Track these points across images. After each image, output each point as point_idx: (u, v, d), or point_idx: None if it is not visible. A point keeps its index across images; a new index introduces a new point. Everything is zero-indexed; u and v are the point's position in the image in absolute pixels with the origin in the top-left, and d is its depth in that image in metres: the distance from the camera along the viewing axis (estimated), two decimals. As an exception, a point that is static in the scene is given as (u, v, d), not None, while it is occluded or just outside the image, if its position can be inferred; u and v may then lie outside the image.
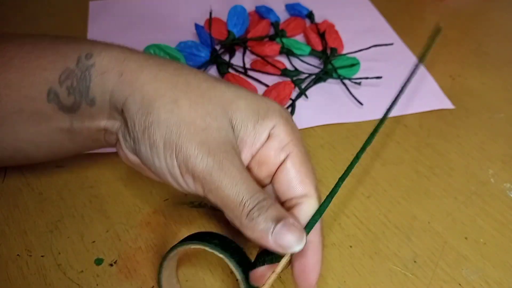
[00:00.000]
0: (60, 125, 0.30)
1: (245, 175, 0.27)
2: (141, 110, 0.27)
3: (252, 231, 0.26)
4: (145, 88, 0.28)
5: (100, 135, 0.31)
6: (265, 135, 0.28)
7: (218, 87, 0.29)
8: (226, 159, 0.26)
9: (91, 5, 0.58)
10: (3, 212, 0.36)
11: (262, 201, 0.26)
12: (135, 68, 0.28)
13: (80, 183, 0.38)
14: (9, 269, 0.33)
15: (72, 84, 0.29)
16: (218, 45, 0.52)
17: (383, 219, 0.37)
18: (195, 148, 0.26)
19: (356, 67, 0.50)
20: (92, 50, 0.29)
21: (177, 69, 0.29)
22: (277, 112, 0.29)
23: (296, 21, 0.55)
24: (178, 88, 0.28)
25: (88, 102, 0.29)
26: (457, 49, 0.55)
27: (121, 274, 0.33)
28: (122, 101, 0.28)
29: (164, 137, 0.27)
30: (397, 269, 0.34)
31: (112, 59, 0.29)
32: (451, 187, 0.39)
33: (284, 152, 0.29)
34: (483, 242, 0.36)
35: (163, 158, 0.27)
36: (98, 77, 0.29)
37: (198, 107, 0.27)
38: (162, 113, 0.27)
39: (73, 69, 0.29)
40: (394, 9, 0.60)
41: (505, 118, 0.46)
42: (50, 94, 0.29)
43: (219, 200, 0.26)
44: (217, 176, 0.26)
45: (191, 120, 0.27)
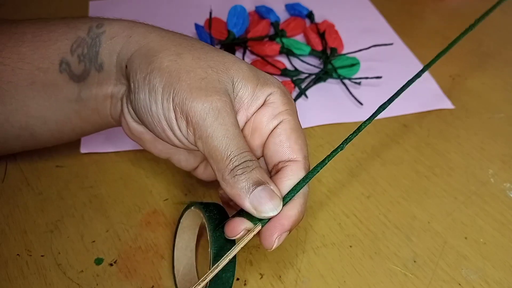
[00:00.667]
0: (68, 96, 0.32)
1: (238, 131, 0.27)
2: (144, 60, 0.28)
3: (231, 187, 0.26)
4: (151, 44, 0.29)
5: (107, 105, 0.32)
6: (262, 100, 0.29)
7: (221, 52, 0.30)
8: (223, 109, 0.26)
9: (91, 5, 0.58)
10: (3, 211, 0.36)
11: (249, 161, 0.26)
12: (143, 31, 0.30)
13: (80, 183, 0.38)
14: (9, 269, 0.33)
15: (83, 52, 0.30)
16: (218, 45, 0.52)
17: (383, 219, 0.37)
18: (193, 92, 0.27)
19: (356, 67, 0.50)
20: (103, 21, 0.31)
21: (183, 35, 0.31)
22: (276, 83, 0.30)
23: (296, 21, 0.55)
24: (183, 45, 0.29)
25: (97, 68, 0.31)
26: (457, 49, 0.55)
27: (121, 274, 0.33)
28: (128, 56, 0.29)
29: (163, 81, 0.27)
30: (397, 269, 0.34)
31: (122, 26, 0.30)
32: (451, 187, 0.39)
33: (276, 119, 0.29)
34: (483, 242, 0.36)
35: (160, 101, 0.28)
36: (108, 42, 0.30)
37: (201, 60, 0.28)
38: (165, 61, 0.28)
39: (84, 37, 0.31)
40: (394, 9, 0.60)
41: (505, 118, 0.46)
42: (62, 64, 0.31)
43: (207, 149, 0.27)
44: (210, 123, 0.26)
45: (192, 69, 0.28)
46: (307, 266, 0.34)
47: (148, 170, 0.40)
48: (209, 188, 0.38)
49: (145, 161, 0.40)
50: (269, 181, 0.27)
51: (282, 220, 0.27)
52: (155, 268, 0.33)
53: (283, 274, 0.33)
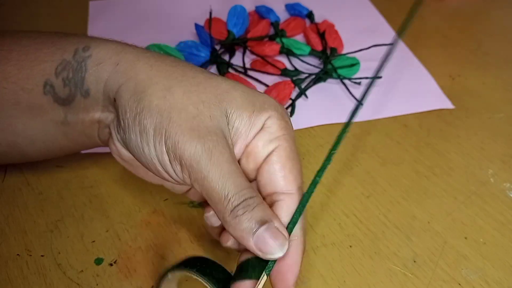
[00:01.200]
0: (55, 118, 0.30)
1: (234, 168, 0.26)
2: (133, 97, 0.27)
3: (234, 229, 0.25)
4: (140, 76, 0.28)
5: (94, 129, 0.31)
6: (259, 125, 0.28)
7: (214, 78, 0.28)
8: (216, 148, 0.25)
9: (91, 5, 0.58)
10: (3, 212, 0.36)
11: (249, 199, 0.25)
12: (131, 59, 0.28)
13: (80, 183, 0.38)
14: (9, 269, 0.33)
15: (68, 76, 0.29)
16: (218, 45, 0.52)
17: (383, 219, 0.37)
18: (185, 134, 0.26)
19: (356, 67, 0.50)
20: (89, 43, 0.29)
21: (174, 61, 0.29)
22: (273, 106, 0.28)
23: (296, 21, 0.55)
24: (173, 77, 0.28)
25: (83, 94, 0.29)
26: (457, 49, 0.55)
27: (121, 274, 0.33)
28: (116, 89, 0.28)
29: (154, 122, 0.26)
30: (397, 268, 0.34)
31: (109, 50, 0.29)
32: (451, 187, 0.39)
33: (272, 145, 0.28)
34: (483, 242, 0.36)
35: (152, 144, 0.27)
36: (94, 68, 0.29)
37: (192, 95, 0.27)
38: (155, 99, 0.27)
39: (70, 60, 0.29)
40: (394, 9, 0.60)
41: (505, 118, 0.46)
42: (46, 86, 0.29)
43: (204, 191, 0.26)
44: (204, 165, 0.25)
45: (183, 107, 0.26)
46: (307, 266, 0.34)
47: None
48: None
49: (145, 161, 0.40)
50: (273, 217, 0.25)
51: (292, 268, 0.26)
52: (155, 268, 0.33)
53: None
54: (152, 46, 0.48)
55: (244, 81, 0.47)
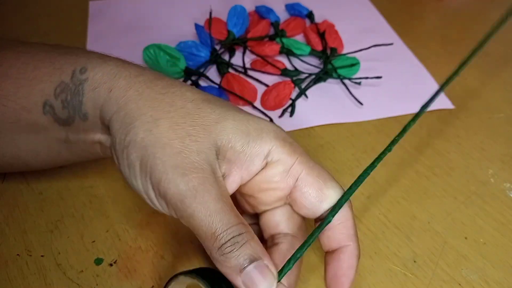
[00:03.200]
0: (56, 136, 0.30)
1: (222, 205, 0.25)
2: (121, 129, 0.27)
3: (222, 266, 0.25)
4: (129, 105, 0.27)
5: (96, 147, 0.31)
6: (260, 159, 0.27)
7: (204, 108, 0.27)
8: (201, 185, 0.25)
9: (91, 5, 0.58)
10: (3, 212, 0.36)
11: (237, 236, 0.24)
12: (124, 85, 0.28)
13: (80, 183, 0.38)
14: (9, 269, 0.33)
15: (66, 98, 0.29)
16: (218, 45, 0.52)
17: (382, 219, 0.37)
18: (168, 172, 0.25)
19: (356, 67, 0.50)
20: (86, 64, 0.29)
21: (164, 87, 0.28)
22: (271, 134, 0.27)
23: (296, 21, 0.55)
24: (161, 107, 0.27)
25: (81, 117, 0.29)
26: (457, 49, 0.55)
27: (121, 274, 0.33)
28: (109, 117, 0.28)
29: (140, 158, 0.26)
30: (397, 269, 0.34)
31: (105, 74, 0.28)
32: (451, 187, 0.39)
33: (291, 177, 0.27)
34: (483, 242, 0.36)
35: (139, 179, 0.26)
36: (90, 92, 0.28)
37: (179, 127, 0.26)
38: (140, 133, 0.26)
39: (68, 83, 0.29)
40: (394, 9, 0.60)
41: (505, 118, 0.46)
42: (46, 106, 0.29)
43: (191, 228, 0.25)
44: (189, 204, 0.25)
45: (168, 141, 0.26)
46: (307, 266, 0.34)
47: (148, 170, 0.40)
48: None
49: (145, 161, 0.40)
50: (263, 255, 0.25)
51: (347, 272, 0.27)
52: (155, 268, 0.33)
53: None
54: (152, 46, 0.48)
55: (244, 81, 0.47)
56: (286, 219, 0.29)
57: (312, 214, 0.28)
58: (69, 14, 0.57)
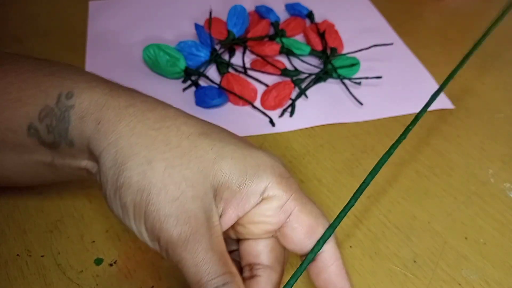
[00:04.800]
0: (42, 159, 0.29)
1: (210, 256, 0.25)
2: (113, 169, 0.26)
3: None
4: (120, 143, 0.26)
5: (83, 173, 0.30)
6: (256, 197, 0.27)
7: (201, 146, 0.26)
8: (193, 235, 0.25)
9: (91, 5, 0.58)
10: (3, 212, 0.36)
11: (222, 286, 0.25)
12: (113, 118, 0.27)
13: (80, 183, 0.38)
14: (9, 269, 0.33)
15: (51, 123, 0.28)
16: (218, 45, 0.52)
17: (383, 219, 0.37)
18: (162, 220, 0.25)
19: (356, 67, 0.50)
20: (73, 88, 0.28)
21: (157, 121, 0.27)
22: (268, 170, 0.27)
23: (296, 21, 0.55)
24: (155, 146, 0.26)
25: (67, 143, 0.28)
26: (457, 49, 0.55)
27: (120, 274, 0.33)
28: (98, 152, 0.27)
29: (134, 201, 0.25)
30: (397, 269, 0.34)
31: (92, 102, 0.27)
32: (451, 187, 0.39)
33: (284, 212, 0.27)
34: (483, 242, 0.36)
35: (133, 221, 0.26)
36: (77, 121, 0.27)
37: (174, 171, 0.25)
38: (134, 175, 0.25)
39: (53, 107, 0.28)
40: (394, 9, 0.60)
41: (505, 118, 0.46)
42: (31, 129, 0.28)
43: (181, 271, 0.26)
44: (179, 252, 0.25)
45: (163, 186, 0.25)
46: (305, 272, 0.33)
47: (148, 170, 0.40)
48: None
49: (145, 161, 0.40)
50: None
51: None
52: (155, 268, 0.33)
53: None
54: (152, 46, 0.48)
55: (244, 81, 0.47)
56: (268, 251, 0.29)
57: (299, 249, 0.28)
58: (69, 14, 0.57)
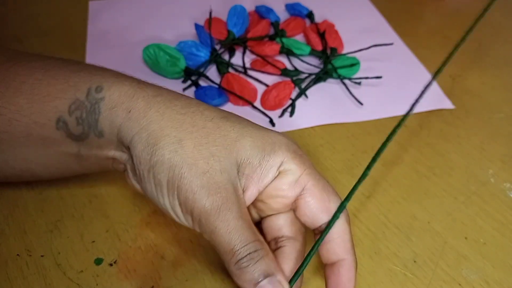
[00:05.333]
0: (68, 150, 0.31)
1: (241, 223, 0.27)
2: (146, 149, 0.28)
3: (238, 279, 0.27)
4: (151, 126, 0.28)
5: (108, 162, 0.31)
6: (273, 171, 0.29)
7: (223, 126, 0.29)
8: (224, 204, 0.27)
9: (91, 5, 0.58)
10: (3, 212, 0.36)
11: (254, 253, 0.26)
12: (143, 106, 0.29)
13: (80, 183, 0.38)
14: (9, 269, 0.33)
15: (81, 116, 0.29)
16: (218, 45, 0.52)
17: (383, 219, 0.37)
18: (195, 191, 0.27)
19: (356, 67, 0.50)
20: (102, 83, 0.30)
21: (184, 107, 0.29)
22: (283, 147, 0.29)
23: (296, 21, 0.55)
24: (183, 127, 0.28)
25: (97, 134, 0.30)
26: (457, 49, 0.55)
27: (120, 274, 0.33)
28: (129, 138, 0.29)
29: (167, 177, 0.27)
30: (397, 269, 0.34)
31: (122, 94, 0.29)
32: (451, 187, 0.39)
33: (299, 185, 0.29)
34: (483, 242, 0.36)
35: (166, 197, 0.28)
36: (107, 112, 0.29)
37: (202, 148, 0.28)
38: (166, 153, 0.27)
39: (83, 100, 0.29)
40: (394, 9, 0.60)
41: (505, 118, 0.46)
42: (59, 122, 0.30)
43: (212, 242, 0.27)
44: (212, 221, 0.27)
45: (194, 162, 0.27)
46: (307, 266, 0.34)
47: (148, 170, 0.40)
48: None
49: (145, 161, 0.40)
50: (276, 271, 0.27)
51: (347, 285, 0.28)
52: (155, 268, 0.33)
53: (283, 274, 0.33)
54: (152, 46, 0.48)
55: (244, 81, 0.47)
56: (289, 223, 0.31)
57: (311, 223, 0.30)
58: (69, 14, 0.57)
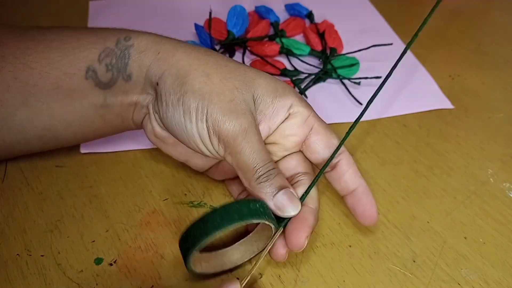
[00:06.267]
0: (94, 101, 0.33)
1: (262, 145, 0.31)
2: (177, 81, 0.31)
3: (258, 192, 0.30)
4: (180, 63, 0.31)
5: (130, 111, 0.34)
6: (284, 112, 0.32)
7: (242, 67, 0.33)
8: (250, 128, 0.30)
9: (91, 5, 0.58)
10: (3, 212, 0.36)
11: (271, 170, 0.30)
12: (171, 48, 0.32)
13: (80, 183, 0.39)
14: (9, 269, 0.33)
15: (111, 62, 0.32)
16: (218, 45, 0.52)
17: (382, 219, 0.37)
18: (224, 114, 0.30)
19: (356, 67, 0.50)
20: (129, 34, 0.33)
21: (207, 51, 0.33)
22: (292, 92, 0.33)
23: (295, 21, 0.55)
24: (209, 65, 0.32)
25: (125, 78, 0.32)
26: (457, 49, 0.55)
27: (120, 274, 0.33)
28: (159, 75, 0.32)
29: (197, 103, 0.30)
30: (396, 268, 0.34)
31: (150, 41, 0.33)
32: (451, 186, 0.40)
33: (307, 126, 0.33)
34: (482, 241, 0.36)
35: (194, 121, 0.31)
36: (137, 55, 0.32)
37: (227, 81, 0.31)
38: (196, 83, 0.31)
39: (113, 48, 0.32)
40: (394, 9, 0.60)
41: (505, 118, 0.46)
42: (89, 71, 0.32)
43: (236, 162, 0.30)
44: (240, 142, 0.30)
45: (221, 91, 0.31)
46: (306, 266, 0.34)
47: (148, 170, 0.40)
48: (208, 188, 0.38)
49: (145, 161, 0.40)
50: (289, 185, 0.31)
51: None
52: (154, 268, 0.33)
53: (282, 273, 0.33)
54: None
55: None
56: (302, 162, 0.34)
57: (319, 158, 0.33)
58: (69, 14, 0.57)
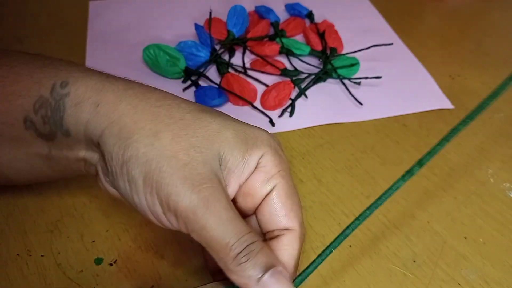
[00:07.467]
0: (39, 151, 0.29)
1: (232, 214, 0.25)
2: (118, 143, 0.26)
3: (238, 276, 0.25)
4: (123, 120, 0.26)
5: (80, 165, 0.29)
6: (253, 164, 0.27)
7: (203, 117, 0.27)
8: (212, 195, 0.25)
9: (91, 5, 0.58)
10: (3, 212, 0.36)
11: (251, 245, 0.25)
12: (113, 99, 0.26)
13: (80, 183, 0.38)
14: (9, 269, 0.33)
15: (46, 114, 0.27)
16: (218, 45, 0.52)
17: (382, 219, 0.37)
18: (177, 184, 0.24)
19: (356, 67, 0.50)
20: (68, 78, 0.27)
21: (159, 100, 0.27)
22: (265, 142, 0.28)
23: (295, 21, 0.55)
24: (159, 120, 0.26)
25: (63, 133, 0.28)
26: (457, 49, 0.55)
27: (120, 274, 0.33)
28: (98, 133, 0.26)
29: (143, 172, 0.25)
30: (397, 268, 0.34)
31: (89, 88, 0.27)
32: (451, 187, 0.40)
33: (270, 184, 0.28)
34: (482, 241, 0.36)
35: (142, 195, 0.26)
36: (72, 108, 0.27)
37: (181, 139, 0.26)
38: (141, 147, 0.25)
39: (47, 97, 0.27)
40: (394, 9, 0.60)
41: (505, 118, 0.46)
42: (27, 121, 0.28)
43: (203, 240, 0.25)
44: (201, 215, 0.24)
45: (173, 154, 0.25)
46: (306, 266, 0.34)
47: (148, 170, 0.40)
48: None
49: (145, 161, 0.40)
50: (276, 262, 0.25)
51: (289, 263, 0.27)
52: (155, 268, 0.33)
53: (282, 274, 0.33)
54: (152, 46, 0.48)
55: (244, 81, 0.47)
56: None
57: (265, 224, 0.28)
58: (69, 14, 0.57)
